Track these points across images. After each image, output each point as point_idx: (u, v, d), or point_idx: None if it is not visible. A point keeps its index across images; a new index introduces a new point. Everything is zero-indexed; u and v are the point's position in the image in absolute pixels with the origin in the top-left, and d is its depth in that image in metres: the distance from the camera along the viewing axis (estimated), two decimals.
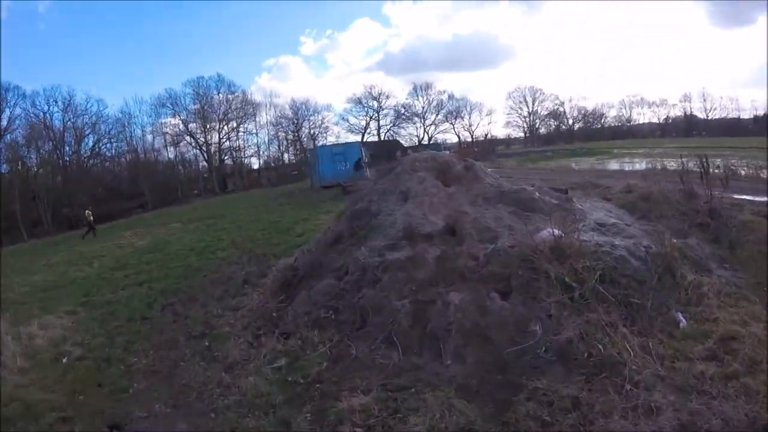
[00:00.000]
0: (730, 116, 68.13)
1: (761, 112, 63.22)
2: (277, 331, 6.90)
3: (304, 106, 66.16)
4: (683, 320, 5.91)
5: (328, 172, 31.89)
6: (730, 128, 62.44)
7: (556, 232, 6.87)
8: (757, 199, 10.96)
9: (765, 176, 15.75)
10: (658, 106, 76.28)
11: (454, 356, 5.62)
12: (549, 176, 19.16)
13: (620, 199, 11.59)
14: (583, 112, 78.96)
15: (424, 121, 71.50)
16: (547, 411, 4.40)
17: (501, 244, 7.03)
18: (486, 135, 73.27)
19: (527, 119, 77.85)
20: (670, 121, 75.09)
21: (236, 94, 62.83)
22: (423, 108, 71.56)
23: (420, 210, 8.25)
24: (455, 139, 72.45)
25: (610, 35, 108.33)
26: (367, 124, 70.14)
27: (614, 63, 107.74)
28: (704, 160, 9.83)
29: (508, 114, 78.59)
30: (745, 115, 67.17)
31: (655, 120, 76.83)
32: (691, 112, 72.18)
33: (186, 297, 9.58)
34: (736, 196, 9.97)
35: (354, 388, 5.30)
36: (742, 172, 16.07)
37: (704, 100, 70.88)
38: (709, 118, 70.30)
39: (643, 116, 77.58)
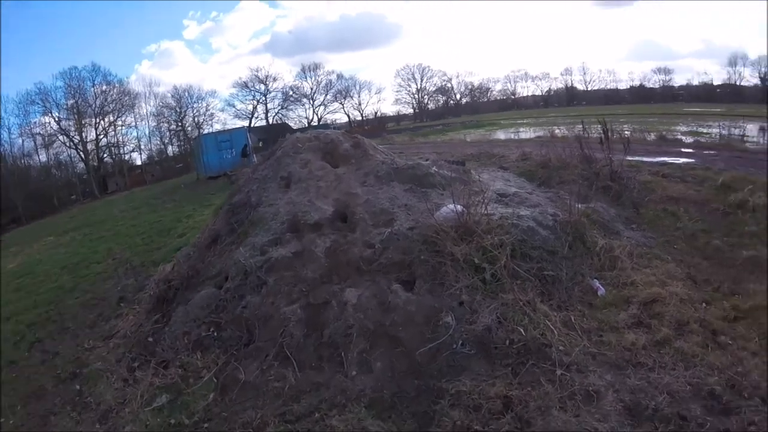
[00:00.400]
0: (608, 87, 75.96)
1: (637, 83, 71.57)
2: (154, 361, 6.14)
3: (187, 94, 63.85)
4: (601, 288, 6.00)
5: (214, 162, 31.54)
6: (608, 98, 69.80)
7: (459, 207, 6.63)
8: (649, 159, 11.85)
9: (651, 139, 17.33)
10: (540, 80, 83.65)
11: (359, 365, 5.18)
12: (442, 149, 19.51)
13: (518, 168, 11.94)
14: (469, 87, 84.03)
15: (313, 102, 72.31)
16: (476, 417, 4.08)
17: (399, 227, 6.76)
18: (376, 113, 75.70)
19: (416, 96, 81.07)
20: (552, 93, 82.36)
21: (113, 84, 57.83)
22: (312, 89, 72.21)
23: (305, 196, 7.87)
24: (345, 119, 73.45)
25: (495, 13, 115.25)
26: (255, 108, 69.72)
27: (499, 40, 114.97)
28: (605, 125, 10.39)
29: (397, 91, 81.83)
30: (623, 86, 75.42)
31: (538, 92, 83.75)
32: (572, 84, 79.97)
33: (56, 328, 8.75)
34: (629, 158, 10.58)
35: (247, 423, 4.81)
36: (627, 135, 17.50)
37: (584, 74, 79.04)
38: (589, 89, 78.10)
39: (526, 89, 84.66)
